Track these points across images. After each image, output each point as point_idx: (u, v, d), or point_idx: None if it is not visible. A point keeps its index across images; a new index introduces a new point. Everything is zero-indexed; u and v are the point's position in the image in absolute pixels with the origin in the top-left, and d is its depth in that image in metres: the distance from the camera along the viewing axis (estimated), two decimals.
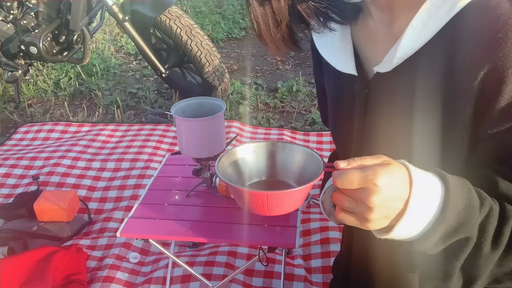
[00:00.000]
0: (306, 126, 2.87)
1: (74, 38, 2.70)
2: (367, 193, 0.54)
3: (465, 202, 0.57)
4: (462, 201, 0.57)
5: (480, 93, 0.60)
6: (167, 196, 1.38)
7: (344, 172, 0.56)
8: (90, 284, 1.61)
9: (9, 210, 1.96)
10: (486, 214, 0.59)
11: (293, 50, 0.73)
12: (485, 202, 0.59)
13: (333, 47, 0.75)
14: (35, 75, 3.52)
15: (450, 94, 0.62)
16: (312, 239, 1.83)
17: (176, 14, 2.65)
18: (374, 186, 0.53)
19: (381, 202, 0.54)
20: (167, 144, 2.60)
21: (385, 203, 0.54)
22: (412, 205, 0.55)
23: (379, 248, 0.74)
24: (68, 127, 2.83)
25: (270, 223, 1.22)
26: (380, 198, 0.53)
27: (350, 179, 0.55)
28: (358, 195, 0.55)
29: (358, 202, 0.56)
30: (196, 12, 5.51)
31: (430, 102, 0.64)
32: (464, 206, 0.57)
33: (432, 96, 0.64)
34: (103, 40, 4.37)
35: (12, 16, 2.66)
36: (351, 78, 0.74)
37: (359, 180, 0.54)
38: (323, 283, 1.64)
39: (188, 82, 3.14)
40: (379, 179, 0.53)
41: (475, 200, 0.58)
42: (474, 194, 0.59)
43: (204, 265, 1.67)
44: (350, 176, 0.55)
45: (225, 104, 1.30)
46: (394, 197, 0.55)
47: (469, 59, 0.59)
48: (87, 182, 2.24)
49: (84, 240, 1.85)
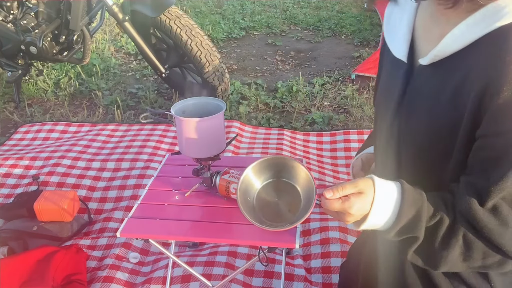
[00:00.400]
0: (306, 126, 2.87)
1: (74, 38, 2.70)
2: (345, 216, 0.81)
3: (414, 211, 0.77)
4: (412, 210, 0.77)
5: (479, 105, 0.71)
6: (167, 196, 1.38)
7: (329, 202, 0.80)
8: (90, 284, 1.61)
9: (9, 210, 1.96)
10: (435, 222, 0.78)
11: None
12: (437, 213, 0.78)
13: (395, 34, 0.88)
14: (35, 75, 3.52)
15: (458, 100, 0.74)
16: (312, 239, 1.83)
17: (176, 14, 2.65)
18: (349, 214, 0.80)
19: (354, 218, 0.81)
20: (167, 144, 2.60)
21: (356, 217, 0.81)
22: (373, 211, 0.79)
23: (384, 241, 0.92)
24: (68, 127, 2.83)
25: None
26: (353, 218, 0.81)
27: (333, 208, 0.81)
28: (339, 215, 0.83)
29: (339, 215, 0.83)
30: (196, 12, 5.51)
31: (443, 103, 0.77)
32: (414, 214, 0.77)
33: (445, 98, 0.77)
34: (103, 40, 4.37)
35: (12, 16, 2.66)
36: (401, 64, 0.86)
37: (339, 209, 0.80)
38: (323, 283, 1.64)
39: (188, 82, 3.14)
40: (353, 208, 0.78)
41: (426, 211, 0.77)
42: (425, 206, 0.78)
43: (204, 265, 1.67)
44: (332, 207, 0.80)
45: (225, 104, 1.30)
46: (363, 213, 0.80)
47: (478, 75, 0.70)
48: (87, 182, 2.24)
49: (84, 240, 1.85)
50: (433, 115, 0.80)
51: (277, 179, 1.02)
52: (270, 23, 5.16)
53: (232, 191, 1.29)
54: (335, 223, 1.89)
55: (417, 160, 0.86)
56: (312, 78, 3.62)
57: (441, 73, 0.78)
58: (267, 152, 2.48)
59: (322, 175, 2.29)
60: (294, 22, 5.29)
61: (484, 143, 0.73)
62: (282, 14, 5.60)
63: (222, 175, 1.32)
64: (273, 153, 2.46)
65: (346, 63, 4.00)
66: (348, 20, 5.18)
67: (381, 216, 0.80)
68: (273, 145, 2.56)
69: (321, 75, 3.70)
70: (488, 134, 0.72)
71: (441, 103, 0.78)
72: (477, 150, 0.75)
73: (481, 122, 0.72)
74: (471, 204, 0.75)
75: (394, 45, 0.88)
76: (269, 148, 2.53)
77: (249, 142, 2.64)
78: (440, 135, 0.80)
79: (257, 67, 3.96)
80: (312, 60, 4.12)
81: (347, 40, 4.66)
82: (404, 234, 0.80)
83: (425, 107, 0.82)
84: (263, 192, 1.03)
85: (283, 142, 2.59)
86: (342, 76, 3.65)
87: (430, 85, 0.80)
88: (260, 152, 2.50)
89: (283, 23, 5.24)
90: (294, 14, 5.53)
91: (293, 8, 5.87)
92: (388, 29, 0.91)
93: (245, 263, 1.39)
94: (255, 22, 5.17)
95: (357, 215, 0.80)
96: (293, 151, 2.52)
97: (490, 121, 0.71)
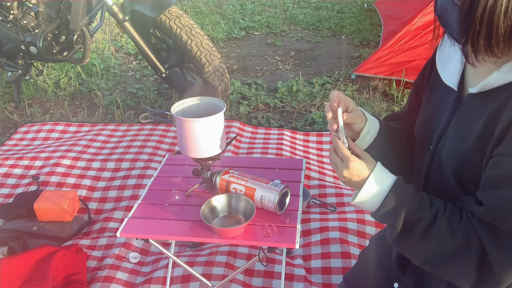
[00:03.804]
0: (306, 126, 2.87)
1: (74, 38, 2.70)
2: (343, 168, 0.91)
3: (398, 203, 0.86)
4: (395, 202, 0.86)
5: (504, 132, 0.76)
6: (167, 196, 1.38)
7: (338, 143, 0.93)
8: (90, 284, 1.61)
9: (9, 210, 1.96)
10: (415, 219, 0.84)
11: None
12: (418, 211, 0.84)
13: (448, 64, 0.95)
14: (35, 75, 3.52)
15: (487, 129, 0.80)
16: (312, 239, 1.83)
17: (176, 14, 2.65)
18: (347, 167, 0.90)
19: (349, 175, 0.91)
20: (167, 144, 2.60)
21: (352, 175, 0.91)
22: (368, 183, 0.89)
23: None
24: (68, 127, 2.83)
25: (270, 223, 1.22)
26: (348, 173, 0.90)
27: (339, 147, 0.92)
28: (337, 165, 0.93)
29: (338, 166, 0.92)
30: (196, 12, 5.51)
31: (477, 132, 0.82)
32: (396, 205, 0.86)
33: (478, 126, 0.82)
34: (103, 40, 4.37)
35: (12, 16, 2.66)
36: (452, 91, 0.92)
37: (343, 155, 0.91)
38: (323, 283, 1.64)
39: (188, 82, 3.14)
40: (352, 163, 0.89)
41: (407, 208, 0.84)
42: (406, 205, 0.85)
43: (204, 265, 1.67)
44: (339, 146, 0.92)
45: (225, 104, 1.30)
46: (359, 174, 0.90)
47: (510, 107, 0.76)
48: (87, 182, 2.24)
49: (84, 240, 1.85)
50: (466, 143, 0.85)
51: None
52: (270, 23, 5.16)
53: (232, 191, 1.30)
54: (335, 223, 1.89)
55: (450, 182, 0.90)
56: (312, 78, 3.62)
57: (486, 102, 0.83)
58: (267, 152, 2.48)
59: (322, 175, 2.29)
60: (294, 22, 5.29)
61: (498, 160, 0.76)
62: (282, 14, 5.60)
63: (222, 175, 1.32)
64: (273, 153, 2.46)
65: (346, 63, 4.00)
66: (348, 20, 5.18)
67: (370, 192, 0.89)
68: (273, 145, 2.56)
69: (321, 75, 3.70)
70: (505, 153, 0.75)
71: (474, 131, 0.83)
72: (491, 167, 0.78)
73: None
74: None
75: (446, 73, 0.94)
76: (269, 148, 2.53)
77: (249, 142, 2.64)
78: (468, 161, 0.84)
79: (257, 67, 3.96)
80: (312, 60, 4.12)
81: (347, 40, 4.66)
82: (385, 221, 0.89)
83: (463, 133, 0.87)
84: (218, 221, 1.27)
85: (283, 142, 2.59)
86: (342, 76, 3.65)
87: (474, 113, 0.85)
88: (260, 152, 2.49)
89: (283, 23, 5.24)
90: (294, 14, 5.53)
91: (293, 8, 5.87)
92: (441, 59, 0.97)
93: (245, 263, 1.40)
94: (255, 22, 5.17)
95: (353, 173, 0.89)
96: (293, 151, 2.52)
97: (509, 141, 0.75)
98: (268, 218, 1.24)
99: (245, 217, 1.24)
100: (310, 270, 1.70)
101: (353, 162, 0.89)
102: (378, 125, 1.03)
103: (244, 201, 1.26)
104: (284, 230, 1.21)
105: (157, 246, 1.28)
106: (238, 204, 1.27)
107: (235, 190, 1.29)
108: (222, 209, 1.28)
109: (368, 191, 0.89)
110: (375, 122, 1.02)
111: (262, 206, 1.26)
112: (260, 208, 1.27)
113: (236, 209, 1.28)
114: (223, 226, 1.23)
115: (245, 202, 1.26)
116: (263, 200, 1.24)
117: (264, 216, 1.25)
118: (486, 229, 0.78)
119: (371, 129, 1.00)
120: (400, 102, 3.08)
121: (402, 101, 3.09)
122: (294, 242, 1.16)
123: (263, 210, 1.27)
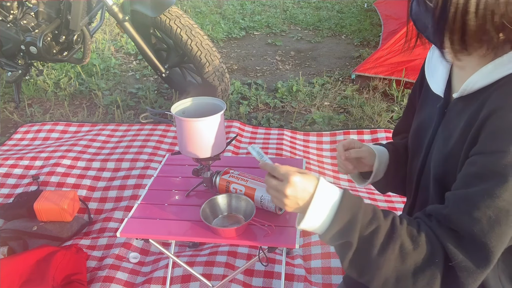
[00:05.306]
0: (306, 126, 2.87)
1: (74, 38, 2.70)
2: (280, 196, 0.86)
3: (350, 216, 0.80)
4: (348, 215, 0.80)
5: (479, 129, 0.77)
6: (167, 196, 1.38)
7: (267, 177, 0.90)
8: (90, 284, 1.61)
9: (9, 210, 1.96)
10: (371, 230, 0.78)
11: None
12: (373, 221, 0.79)
13: (435, 72, 0.98)
14: (35, 75, 3.52)
15: (467, 130, 0.80)
16: (312, 239, 1.83)
17: (176, 14, 2.65)
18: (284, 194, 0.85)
19: (289, 202, 0.85)
20: (167, 144, 2.60)
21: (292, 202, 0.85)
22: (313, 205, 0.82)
23: None
24: (68, 127, 2.83)
25: (270, 223, 1.22)
26: (288, 201, 0.85)
27: (269, 183, 0.89)
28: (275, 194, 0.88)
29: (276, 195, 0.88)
30: (196, 12, 5.52)
31: (457, 134, 0.83)
32: (349, 218, 0.79)
33: (459, 129, 0.83)
34: (103, 40, 4.37)
35: (12, 16, 2.66)
36: (439, 98, 0.95)
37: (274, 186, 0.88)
38: (323, 283, 1.64)
39: (188, 82, 3.14)
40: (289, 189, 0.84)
41: (362, 216, 0.79)
42: (361, 212, 0.80)
43: (204, 265, 1.67)
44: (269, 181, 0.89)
45: (225, 104, 1.30)
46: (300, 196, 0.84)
47: (487, 106, 0.76)
48: (87, 182, 2.24)
49: (84, 240, 1.85)
50: (448, 146, 0.86)
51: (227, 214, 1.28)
52: (270, 23, 5.16)
53: (232, 191, 1.30)
54: None
55: (438, 186, 0.90)
56: (312, 78, 3.62)
57: (467, 106, 0.84)
58: (267, 152, 2.48)
59: (322, 175, 2.29)
60: (294, 22, 5.29)
61: (472, 160, 0.77)
62: (282, 14, 5.60)
63: (222, 175, 1.32)
64: (273, 153, 2.46)
65: (346, 63, 4.00)
66: (348, 20, 5.18)
67: (318, 214, 0.82)
68: (273, 145, 2.56)
69: (321, 75, 3.70)
70: (479, 152, 0.76)
71: (455, 134, 0.84)
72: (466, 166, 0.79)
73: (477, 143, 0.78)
74: None
75: (433, 82, 0.97)
76: (269, 148, 2.53)
77: (249, 142, 2.64)
78: (450, 165, 0.85)
79: (257, 67, 3.96)
80: (312, 60, 4.12)
81: (347, 40, 4.66)
82: (339, 239, 0.80)
83: (446, 137, 0.89)
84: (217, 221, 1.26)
85: (283, 142, 2.59)
86: (342, 76, 3.65)
87: (457, 117, 0.87)
88: None
89: (283, 23, 5.24)
90: (294, 14, 5.53)
91: (293, 8, 5.87)
92: (429, 68, 1.01)
93: (245, 263, 1.39)
94: (255, 22, 5.17)
95: (298, 188, 0.83)
96: (293, 151, 2.52)
97: (485, 139, 0.76)
98: (268, 218, 1.24)
99: (245, 217, 1.24)
100: (310, 270, 1.70)
101: (293, 176, 0.84)
102: (387, 154, 1.09)
103: (244, 201, 1.26)
104: (284, 230, 1.21)
105: (157, 246, 1.28)
106: (238, 204, 1.27)
107: (235, 190, 1.29)
108: (222, 209, 1.27)
109: (320, 204, 0.82)
110: (384, 153, 1.09)
111: (262, 206, 1.26)
112: (260, 208, 1.27)
113: (236, 209, 1.27)
114: (223, 226, 1.23)
115: (245, 202, 1.26)
116: (263, 200, 1.25)
117: (264, 216, 1.25)
118: (448, 233, 0.76)
119: (382, 160, 1.08)
120: (400, 102, 3.08)
121: (402, 101, 3.09)
122: (294, 242, 1.16)
123: (263, 210, 1.27)
